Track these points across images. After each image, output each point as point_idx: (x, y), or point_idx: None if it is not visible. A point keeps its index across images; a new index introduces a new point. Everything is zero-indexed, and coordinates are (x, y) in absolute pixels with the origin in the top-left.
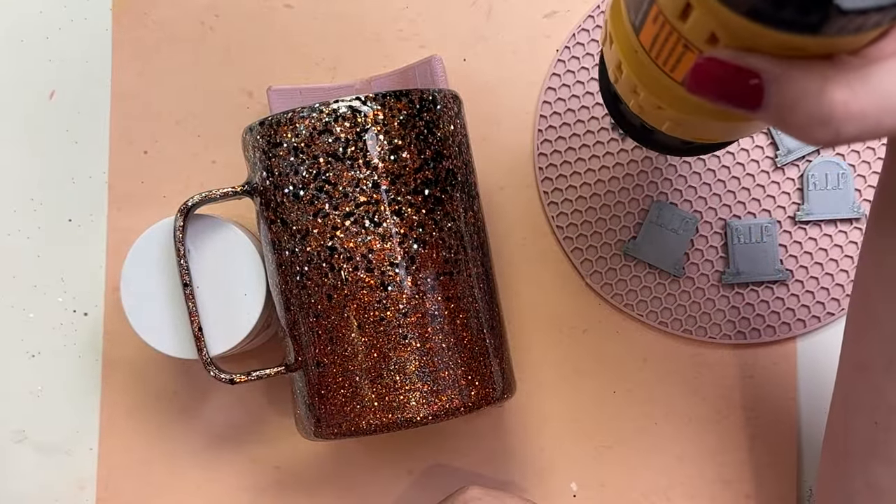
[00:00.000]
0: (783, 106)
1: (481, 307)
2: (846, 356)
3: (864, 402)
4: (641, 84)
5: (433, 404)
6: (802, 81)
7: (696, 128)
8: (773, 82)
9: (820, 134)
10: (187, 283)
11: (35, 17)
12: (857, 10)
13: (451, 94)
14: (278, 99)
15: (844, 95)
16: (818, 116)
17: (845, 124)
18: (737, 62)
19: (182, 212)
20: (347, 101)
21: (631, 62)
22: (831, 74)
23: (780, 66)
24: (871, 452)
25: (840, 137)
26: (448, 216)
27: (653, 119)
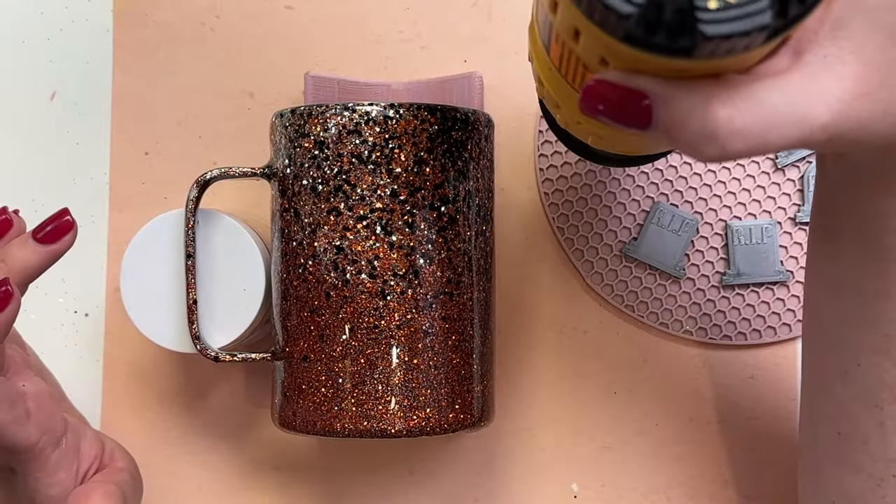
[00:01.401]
0: (671, 125)
1: (475, 332)
2: (806, 370)
3: (826, 414)
4: (560, 100)
5: (410, 420)
6: (688, 100)
7: (617, 141)
8: (661, 102)
9: (707, 150)
10: (190, 255)
11: (36, 17)
12: (721, 35)
13: (484, 117)
14: (314, 85)
15: (728, 112)
16: (704, 133)
17: (730, 140)
18: (625, 84)
19: (199, 183)
20: (381, 106)
21: (548, 79)
22: (716, 92)
23: (666, 86)
24: (838, 462)
25: (727, 153)
26: (459, 237)
27: (578, 133)
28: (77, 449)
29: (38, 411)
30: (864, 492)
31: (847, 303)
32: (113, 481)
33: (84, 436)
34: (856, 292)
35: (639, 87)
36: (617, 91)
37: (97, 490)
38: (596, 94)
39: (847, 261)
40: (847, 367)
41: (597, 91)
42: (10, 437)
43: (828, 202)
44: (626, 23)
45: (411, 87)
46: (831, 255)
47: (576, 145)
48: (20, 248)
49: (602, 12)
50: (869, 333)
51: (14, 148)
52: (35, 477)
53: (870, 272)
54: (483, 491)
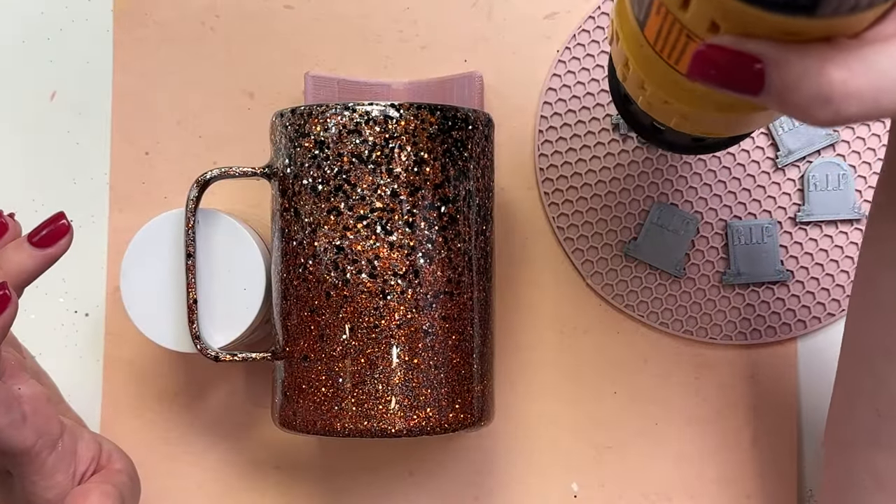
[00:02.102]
0: (784, 88)
1: (475, 332)
2: (848, 344)
3: (865, 391)
4: (648, 79)
5: (410, 419)
6: (802, 63)
7: (703, 122)
8: (774, 65)
9: (821, 113)
10: (190, 255)
11: (36, 17)
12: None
13: (484, 117)
14: (314, 85)
15: (843, 75)
16: (818, 96)
17: (844, 103)
18: (737, 48)
19: (199, 183)
20: (381, 105)
21: (637, 58)
22: (830, 55)
23: (779, 49)
24: (873, 442)
25: (840, 116)
26: (459, 236)
27: (661, 115)
28: (74, 451)
29: (34, 414)
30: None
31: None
32: (110, 482)
33: (81, 438)
34: None
35: (751, 50)
36: (729, 55)
37: (94, 491)
38: (708, 59)
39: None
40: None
41: (709, 56)
42: (7, 441)
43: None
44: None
45: (411, 87)
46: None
47: (647, 131)
48: (16, 252)
49: None
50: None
51: (14, 148)
52: (32, 480)
53: None
54: (483, 491)
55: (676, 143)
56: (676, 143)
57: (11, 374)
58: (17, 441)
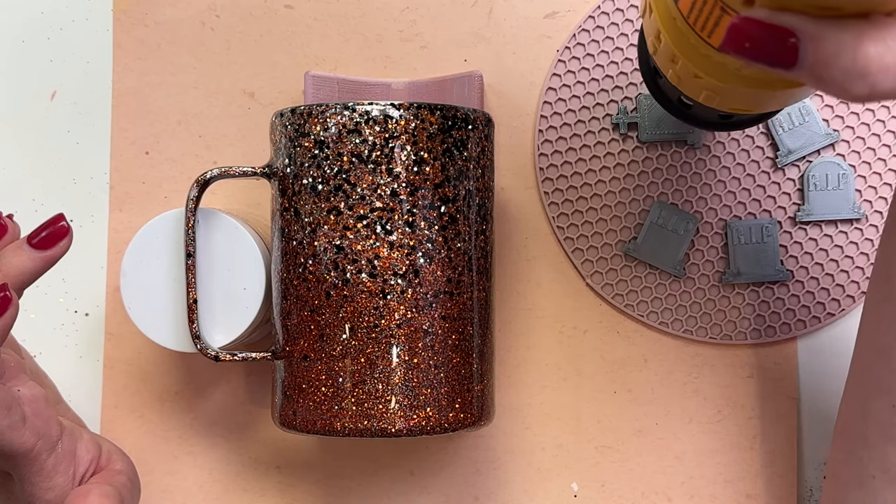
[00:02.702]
0: (819, 62)
1: (475, 331)
2: (865, 341)
3: (882, 386)
4: (680, 52)
5: (410, 419)
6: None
7: (732, 97)
8: (809, 40)
9: (857, 88)
10: (190, 254)
11: (36, 17)
12: None
13: (484, 117)
14: (314, 85)
15: (879, 50)
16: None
17: (881, 77)
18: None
19: (199, 183)
20: (381, 105)
21: (670, 30)
22: (866, 30)
23: (814, 24)
24: (887, 436)
25: (876, 90)
26: (459, 236)
27: (690, 89)
28: (73, 452)
29: (34, 416)
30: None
31: None
32: (110, 483)
33: (80, 439)
34: None
35: (786, 24)
36: (764, 29)
37: (94, 491)
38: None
39: None
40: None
41: (743, 29)
42: (6, 443)
43: None
44: None
45: (411, 87)
46: None
47: (673, 107)
48: (15, 254)
49: None
50: None
51: (14, 148)
52: (32, 482)
53: None
54: (483, 491)
55: (704, 119)
56: (704, 119)
57: (11, 375)
58: (17, 443)
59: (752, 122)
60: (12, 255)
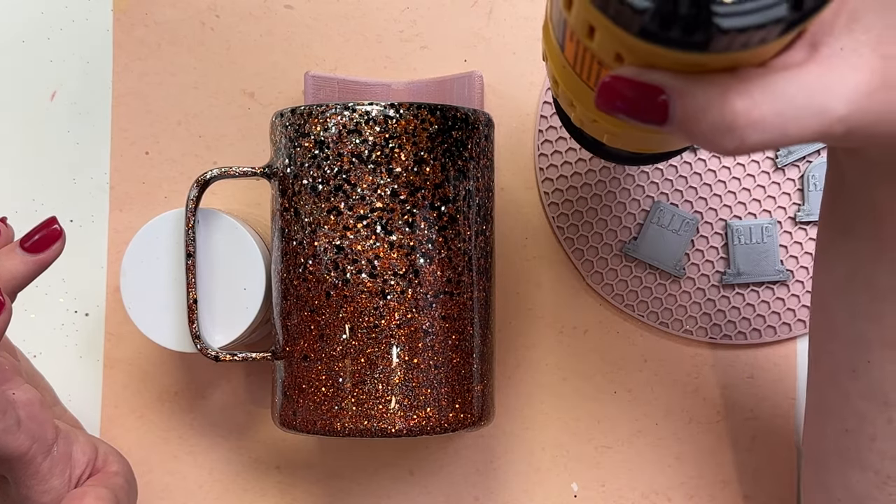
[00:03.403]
0: (687, 118)
1: (475, 331)
2: (813, 364)
3: (833, 410)
4: (575, 98)
5: (410, 419)
6: (704, 94)
7: (632, 140)
8: (677, 96)
9: (725, 142)
10: (190, 254)
11: (36, 17)
12: (736, 28)
13: (484, 117)
14: (314, 85)
15: (745, 104)
16: (721, 126)
17: (748, 132)
18: (641, 79)
19: (199, 183)
20: (381, 105)
21: (563, 77)
22: (733, 85)
23: (681, 81)
24: (845, 459)
25: (745, 144)
26: (459, 236)
27: (593, 132)
28: (69, 455)
29: (29, 420)
30: (871, 490)
31: (858, 298)
32: (106, 485)
33: (76, 441)
34: (867, 287)
35: (655, 81)
36: (633, 87)
37: (90, 494)
38: (612, 91)
39: (859, 256)
40: (856, 363)
41: (613, 87)
42: (1, 446)
43: (839, 198)
44: (642, 17)
45: (411, 87)
46: (842, 251)
47: (591, 144)
48: (7, 257)
49: (617, 8)
50: (880, 329)
51: (14, 147)
52: (27, 485)
53: (884, 268)
54: (483, 491)
55: (617, 155)
56: (617, 155)
57: (6, 378)
58: (12, 446)
59: (664, 157)
60: (5, 258)
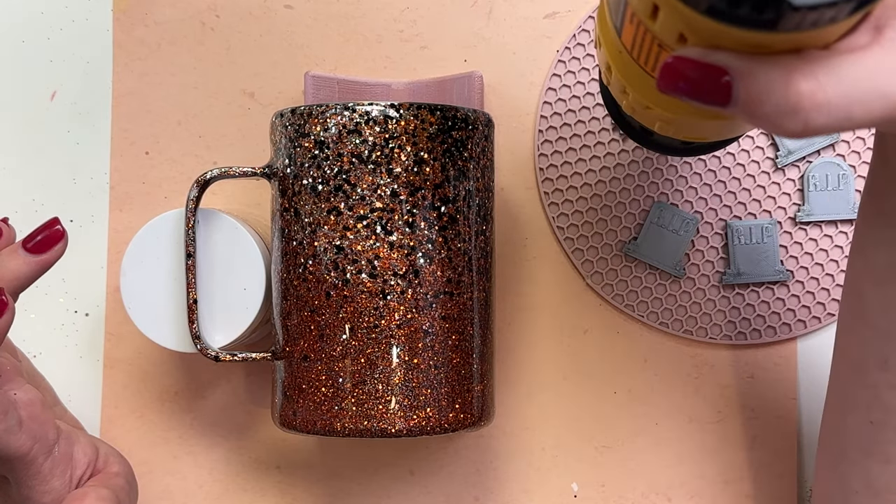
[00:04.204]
0: (751, 100)
1: (475, 332)
2: (840, 355)
3: (859, 402)
4: (629, 84)
5: (410, 419)
6: (769, 75)
7: (685, 127)
8: (741, 77)
9: (790, 124)
10: (190, 255)
11: (36, 17)
12: (808, 6)
13: (484, 117)
14: (314, 85)
15: (811, 86)
16: (786, 107)
17: (813, 114)
18: (705, 59)
19: (199, 183)
20: (381, 105)
21: (617, 63)
22: (798, 66)
23: (746, 61)
24: (867, 452)
25: (809, 127)
26: (459, 236)
27: (644, 119)
28: (70, 456)
29: (30, 420)
30: (892, 483)
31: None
32: (107, 486)
33: (77, 442)
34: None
35: (719, 62)
36: (696, 67)
37: (90, 494)
38: (675, 72)
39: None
40: (888, 356)
41: (676, 68)
42: (3, 447)
43: (885, 184)
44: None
45: (411, 87)
46: (884, 242)
47: (639, 134)
48: (10, 258)
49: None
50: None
51: (14, 147)
52: (28, 485)
53: None
54: (483, 491)
55: (666, 145)
56: (666, 145)
57: (7, 379)
58: (14, 447)
59: (715, 147)
60: (8, 259)
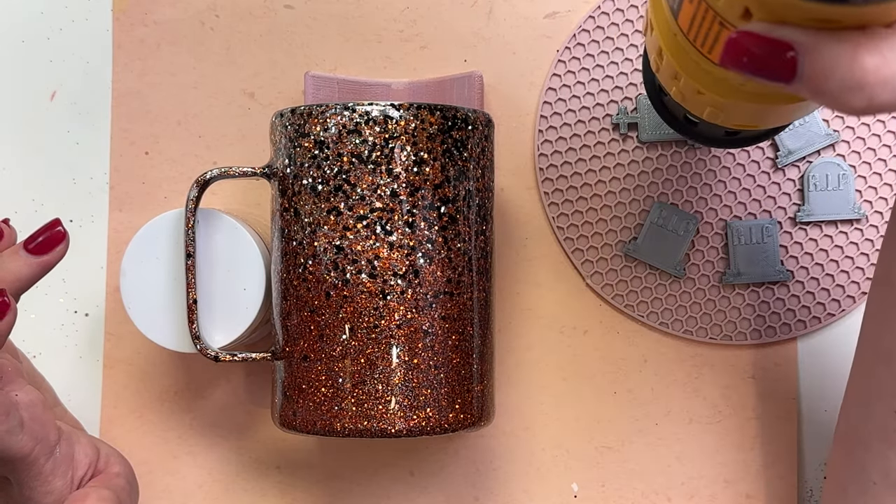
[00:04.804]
0: (816, 75)
1: (475, 332)
2: (867, 345)
3: (884, 391)
4: (681, 69)
5: (410, 419)
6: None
7: (736, 113)
8: (806, 53)
9: (854, 100)
10: (190, 255)
11: (36, 17)
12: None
13: (484, 117)
14: (314, 85)
15: (876, 61)
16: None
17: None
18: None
19: (199, 183)
20: (381, 105)
21: (671, 47)
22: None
23: (812, 36)
24: (889, 441)
25: (874, 102)
26: (459, 236)
27: (694, 106)
28: (71, 456)
29: (32, 421)
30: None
31: None
32: (107, 487)
33: (78, 443)
34: None
35: (784, 37)
36: (762, 42)
37: (91, 495)
38: (740, 47)
39: None
40: None
41: (741, 43)
42: (4, 448)
43: None
44: None
45: (411, 87)
46: None
47: (682, 125)
48: (11, 259)
49: None
50: None
51: (14, 147)
52: (30, 486)
53: None
54: (483, 491)
55: (710, 136)
56: (710, 136)
57: (8, 380)
58: (15, 448)
59: (759, 138)
60: (9, 260)
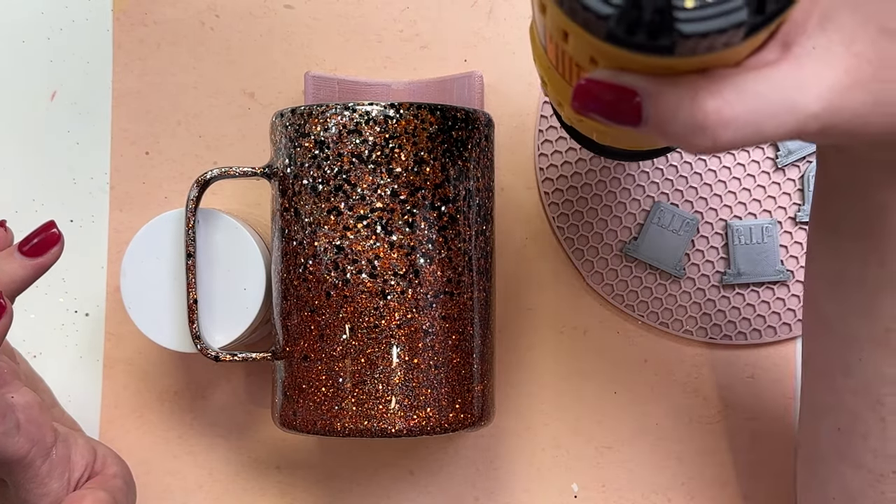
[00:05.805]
0: (661, 119)
1: (475, 332)
2: (806, 363)
3: (827, 408)
4: (560, 98)
5: (410, 419)
6: (675, 94)
7: (620, 137)
8: (650, 97)
9: (699, 141)
10: (190, 255)
11: (36, 17)
12: (698, 33)
13: (484, 117)
14: (314, 85)
15: (716, 103)
16: (693, 125)
17: (720, 130)
18: (614, 81)
19: (199, 183)
20: (381, 105)
21: (549, 78)
22: (703, 85)
23: (653, 82)
24: (839, 457)
25: (718, 143)
26: (459, 236)
27: (582, 130)
28: (68, 458)
29: (28, 423)
30: (864, 488)
31: (848, 296)
32: (104, 488)
33: (75, 444)
34: (857, 286)
35: (627, 84)
36: (607, 89)
37: (88, 497)
38: (587, 93)
39: (849, 254)
40: (848, 362)
41: (587, 90)
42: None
43: (829, 196)
44: (607, 23)
45: (411, 87)
46: (832, 249)
47: (586, 142)
48: (6, 261)
49: (583, 14)
50: (870, 327)
51: (14, 148)
52: (26, 488)
53: (872, 265)
54: (483, 491)
55: (614, 151)
56: (614, 151)
57: (5, 382)
58: (11, 450)
59: (658, 153)
60: (4, 262)
